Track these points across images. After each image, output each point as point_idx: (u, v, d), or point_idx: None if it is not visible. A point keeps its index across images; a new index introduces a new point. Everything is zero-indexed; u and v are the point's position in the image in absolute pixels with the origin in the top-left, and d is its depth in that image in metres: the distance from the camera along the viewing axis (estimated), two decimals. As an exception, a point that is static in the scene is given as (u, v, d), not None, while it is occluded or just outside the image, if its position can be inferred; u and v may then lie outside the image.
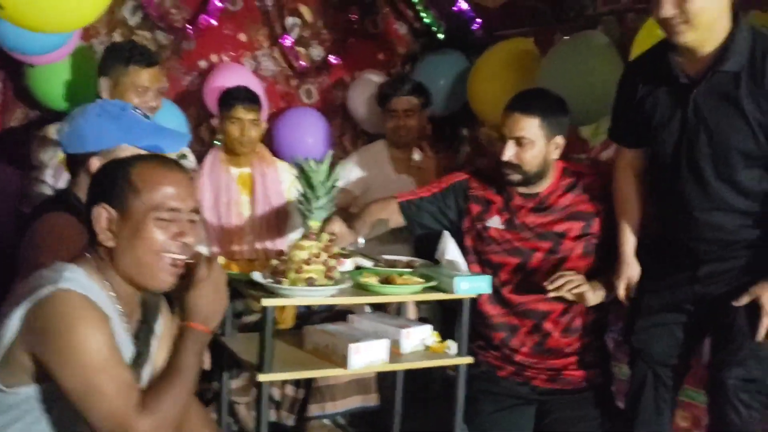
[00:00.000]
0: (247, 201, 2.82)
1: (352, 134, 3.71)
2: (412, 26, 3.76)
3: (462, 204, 2.39)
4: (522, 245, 2.31)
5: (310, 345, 2.10)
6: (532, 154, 2.23)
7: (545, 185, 2.33)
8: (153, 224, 1.34)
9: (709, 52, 1.86)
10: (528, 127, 2.21)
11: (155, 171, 1.37)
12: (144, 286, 1.41)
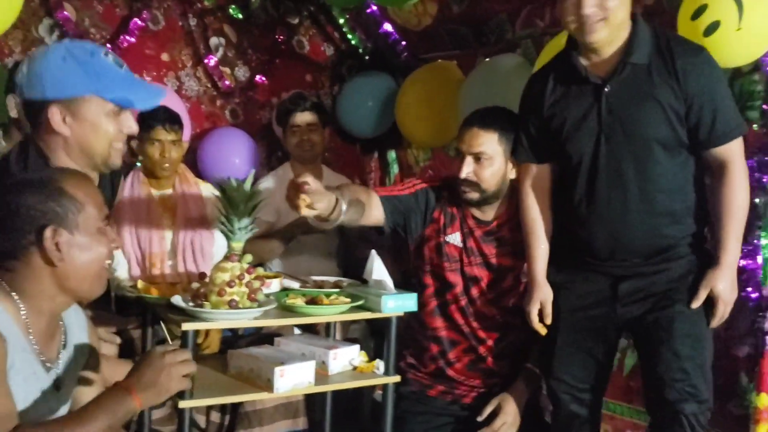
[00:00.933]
0: (169, 223, 2.75)
1: (279, 154, 3.69)
2: (339, 48, 3.78)
3: (430, 211, 2.30)
4: (469, 271, 2.26)
5: (235, 369, 2.06)
6: (491, 172, 2.17)
7: (499, 211, 2.26)
8: (98, 235, 1.37)
9: (615, 49, 1.91)
10: (487, 142, 2.16)
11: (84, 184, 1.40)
12: (84, 298, 1.44)
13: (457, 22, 3.07)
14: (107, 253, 1.40)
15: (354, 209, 2.03)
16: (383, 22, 3.40)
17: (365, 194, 2.18)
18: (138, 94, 1.75)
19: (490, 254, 2.25)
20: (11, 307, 1.31)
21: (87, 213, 1.36)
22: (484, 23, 2.97)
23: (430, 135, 3.22)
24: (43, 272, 1.33)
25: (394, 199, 2.24)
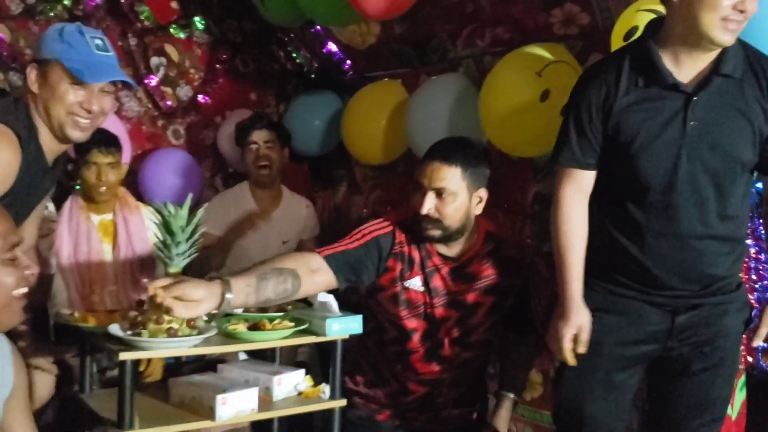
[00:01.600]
0: (109, 249, 2.68)
1: (224, 175, 3.64)
2: (284, 66, 3.76)
3: (384, 261, 2.11)
4: (433, 312, 2.14)
5: (176, 398, 2.01)
6: (454, 207, 2.03)
7: (466, 246, 2.13)
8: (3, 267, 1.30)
9: (710, 56, 1.74)
10: (449, 177, 2.01)
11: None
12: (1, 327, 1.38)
13: (400, 41, 3.09)
14: (15, 282, 1.33)
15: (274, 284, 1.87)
16: (327, 41, 3.41)
17: (304, 261, 1.99)
18: (93, 70, 1.75)
19: (458, 291, 2.13)
20: None
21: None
22: (427, 43, 2.99)
23: (377, 152, 3.23)
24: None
25: (341, 256, 2.05)
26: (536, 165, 2.69)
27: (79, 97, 1.77)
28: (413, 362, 2.19)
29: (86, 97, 1.77)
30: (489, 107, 2.51)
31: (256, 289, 1.82)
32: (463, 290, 2.13)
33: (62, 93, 1.75)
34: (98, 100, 1.80)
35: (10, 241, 1.33)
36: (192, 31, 3.45)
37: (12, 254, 1.33)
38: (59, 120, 1.77)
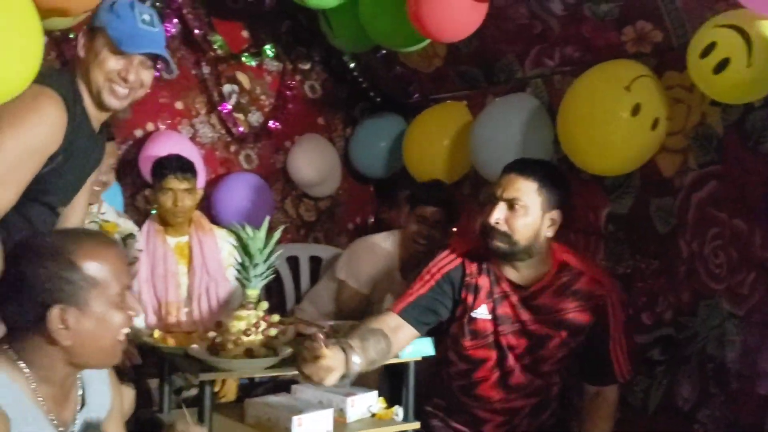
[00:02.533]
0: (185, 271, 2.76)
1: (294, 198, 3.71)
2: (350, 91, 3.82)
3: (457, 295, 2.09)
4: (501, 339, 2.09)
5: (252, 419, 2.04)
6: (524, 222, 1.97)
7: (537, 275, 2.06)
8: (112, 309, 1.29)
9: None
10: (524, 189, 1.98)
11: (100, 252, 1.30)
12: (95, 368, 1.39)
13: (466, 62, 3.09)
14: (123, 323, 1.32)
15: (374, 344, 1.86)
16: (393, 65, 3.44)
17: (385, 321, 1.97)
18: (132, 41, 1.79)
19: (527, 321, 2.07)
20: (19, 376, 1.26)
21: (100, 288, 1.27)
22: (493, 63, 2.99)
23: (439, 173, 3.23)
24: (49, 348, 1.27)
25: (415, 304, 2.04)
26: (609, 184, 2.64)
27: (119, 66, 1.80)
28: (484, 391, 2.14)
29: (125, 66, 1.81)
30: (571, 124, 2.45)
31: (362, 350, 1.80)
32: (531, 321, 2.06)
33: (102, 59, 1.80)
34: (136, 71, 1.83)
35: (122, 283, 1.32)
36: (262, 58, 3.54)
37: (122, 296, 1.32)
38: (98, 85, 1.81)
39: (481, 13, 2.48)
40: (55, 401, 1.33)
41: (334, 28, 3.10)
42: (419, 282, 2.09)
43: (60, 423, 1.33)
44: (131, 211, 3.09)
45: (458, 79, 3.22)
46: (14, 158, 1.63)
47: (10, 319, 1.29)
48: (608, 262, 2.64)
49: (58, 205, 1.89)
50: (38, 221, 1.82)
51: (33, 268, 1.24)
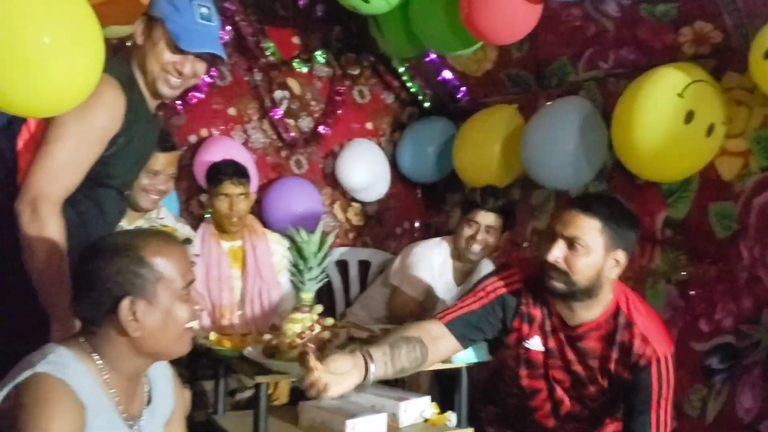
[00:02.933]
0: (239, 274, 2.80)
1: (343, 203, 3.73)
2: (399, 96, 3.83)
3: (509, 321, 2.01)
4: (552, 373, 2.02)
5: (306, 422, 2.06)
6: (584, 263, 1.84)
7: (590, 316, 1.93)
8: (177, 303, 1.36)
9: None
10: (586, 228, 1.83)
11: (166, 249, 1.37)
12: (166, 358, 1.45)
13: (517, 66, 3.07)
14: (188, 317, 1.37)
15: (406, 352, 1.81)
16: (442, 69, 3.43)
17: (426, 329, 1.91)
18: (190, 38, 1.82)
19: (571, 360, 1.99)
20: (93, 367, 1.32)
21: (166, 282, 1.34)
22: (545, 66, 2.96)
23: (490, 177, 3.21)
24: (120, 339, 1.33)
25: (463, 318, 1.97)
26: (666, 189, 2.58)
27: (174, 58, 1.84)
28: (539, 418, 2.10)
29: (180, 60, 1.85)
30: (625, 130, 2.41)
31: (391, 358, 1.78)
32: (574, 361, 1.99)
33: (159, 51, 1.83)
34: (191, 64, 1.87)
35: (186, 279, 1.38)
36: (313, 64, 3.57)
37: (187, 291, 1.38)
38: (153, 74, 1.85)
39: (536, 16, 2.46)
40: (126, 395, 1.38)
41: (384, 34, 3.11)
42: (472, 296, 2.02)
43: (129, 416, 1.38)
44: (186, 216, 3.15)
45: (509, 82, 3.20)
46: (78, 141, 1.70)
47: (83, 313, 1.35)
48: (664, 269, 2.59)
49: (123, 188, 1.95)
50: (106, 205, 1.88)
51: (105, 263, 1.31)
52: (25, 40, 1.49)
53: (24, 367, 1.26)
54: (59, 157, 1.67)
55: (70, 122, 1.67)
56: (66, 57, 1.55)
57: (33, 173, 1.66)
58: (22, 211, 1.63)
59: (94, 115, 1.71)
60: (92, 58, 1.63)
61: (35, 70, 1.51)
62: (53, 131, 1.68)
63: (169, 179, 2.55)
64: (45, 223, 1.63)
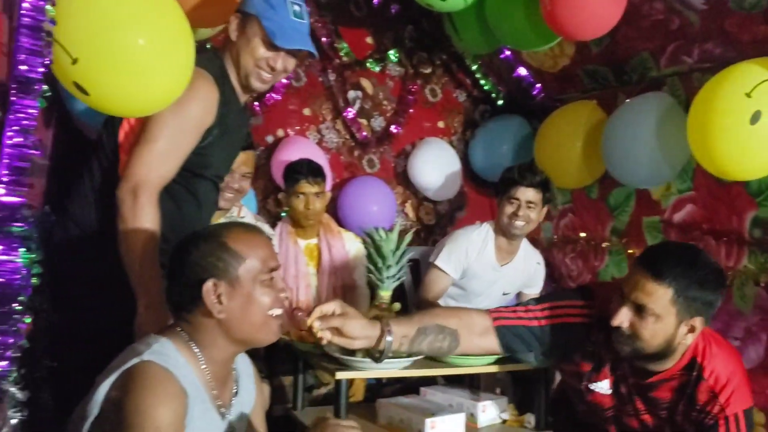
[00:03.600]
0: (314, 272, 2.84)
1: (414, 201, 3.73)
2: (471, 94, 3.81)
3: (571, 352, 1.90)
4: (623, 418, 1.92)
5: (384, 419, 2.07)
6: (652, 331, 1.70)
7: (662, 368, 1.81)
8: (260, 288, 1.39)
9: None
10: (656, 297, 1.68)
11: (247, 237, 1.42)
12: (254, 345, 1.46)
13: (596, 61, 3.00)
14: (271, 302, 1.40)
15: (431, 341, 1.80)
16: (517, 66, 3.39)
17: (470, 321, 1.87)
18: (285, 35, 1.87)
19: (641, 410, 1.89)
20: (191, 357, 1.37)
21: (248, 266, 1.38)
22: (626, 62, 2.88)
23: (571, 176, 3.15)
24: (210, 323, 1.38)
25: (516, 330, 1.90)
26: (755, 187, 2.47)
27: (268, 54, 1.90)
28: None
29: (273, 56, 1.90)
30: (697, 129, 2.34)
31: (411, 340, 1.78)
32: (644, 411, 1.88)
33: (254, 47, 1.89)
34: (284, 60, 1.92)
35: (268, 265, 1.41)
36: (386, 64, 3.59)
37: (269, 276, 1.41)
38: (246, 69, 1.91)
39: (620, 10, 2.40)
40: (219, 384, 1.42)
41: (460, 31, 3.10)
42: (537, 312, 1.91)
43: (222, 405, 1.43)
44: (263, 214, 3.22)
45: (586, 78, 3.13)
46: (175, 132, 1.78)
47: (175, 298, 1.42)
48: (753, 270, 2.48)
49: (217, 179, 2.02)
50: (202, 195, 1.96)
51: (192, 249, 1.39)
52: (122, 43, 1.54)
53: (129, 356, 1.31)
54: (158, 148, 1.75)
55: (168, 114, 1.74)
56: (159, 58, 1.60)
57: (133, 163, 1.74)
58: (124, 199, 1.71)
59: (189, 107, 1.78)
60: (183, 60, 1.69)
61: (131, 72, 1.57)
62: (152, 123, 1.76)
63: (243, 178, 2.59)
64: (144, 210, 1.70)
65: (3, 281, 1.18)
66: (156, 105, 1.69)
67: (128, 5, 1.56)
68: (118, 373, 1.28)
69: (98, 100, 1.61)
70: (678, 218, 2.80)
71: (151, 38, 1.57)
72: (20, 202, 1.21)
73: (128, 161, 1.75)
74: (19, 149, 1.20)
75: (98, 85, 1.56)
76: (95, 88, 1.57)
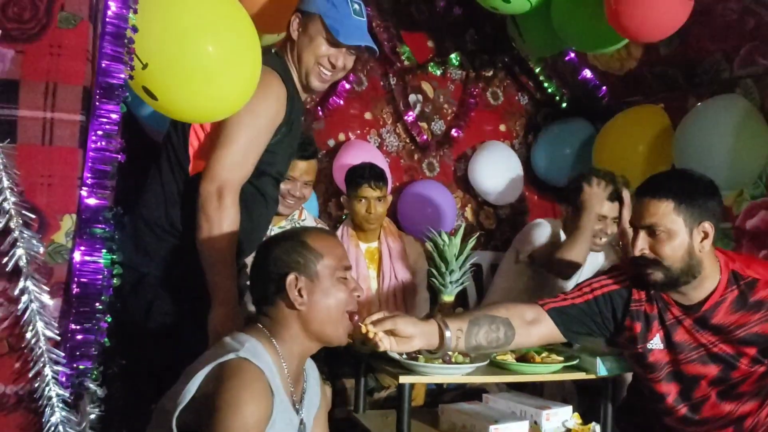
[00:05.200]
0: (375, 275, 2.85)
1: (474, 205, 3.71)
2: (534, 96, 3.76)
3: (620, 318, 1.95)
4: (684, 369, 1.90)
5: (446, 424, 2.06)
6: (671, 247, 1.80)
7: (706, 292, 1.85)
8: (338, 283, 1.47)
9: None
10: (660, 213, 1.80)
11: (325, 237, 1.52)
12: (328, 342, 1.51)
13: (664, 64, 2.92)
14: (347, 299, 1.48)
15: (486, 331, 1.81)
16: (582, 69, 3.33)
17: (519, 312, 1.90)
18: (348, 32, 1.91)
19: (709, 343, 1.87)
20: (275, 355, 1.42)
21: (326, 263, 1.46)
22: (696, 64, 2.80)
23: (633, 180, 3.07)
24: (290, 317, 1.45)
25: (565, 310, 1.94)
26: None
27: (330, 51, 1.94)
28: (674, 423, 1.97)
29: (335, 53, 1.95)
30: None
31: (466, 334, 1.79)
32: (715, 342, 1.86)
33: (317, 45, 1.93)
34: (344, 58, 1.97)
35: (343, 264, 1.49)
36: (447, 67, 3.58)
37: (345, 274, 1.49)
38: (307, 67, 1.96)
39: (687, 11, 2.33)
40: (294, 380, 1.47)
41: (524, 33, 3.06)
42: (577, 291, 1.99)
43: (296, 401, 1.48)
44: (324, 217, 3.25)
45: (654, 81, 3.06)
46: (252, 132, 1.82)
47: (258, 293, 1.49)
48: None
49: (279, 177, 2.06)
50: (267, 192, 2.00)
51: (273, 249, 1.48)
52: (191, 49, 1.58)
53: (222, 351, 1.36)
54: (238, 148, 1.80)
55: (244, 114, 1.78)
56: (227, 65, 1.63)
57: (216, 164, 1.79)
58: (209, 199, 1.76)
59: (264, 106, 1.82)
60: (250, 67, 1.72)
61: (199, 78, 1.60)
62: (229, 124, 1.80)
63: (305, 186, 2.60)
64: (228, 210, 1.75)
65: (86, 281, 1.22)
66: (222, 112, 1.72)
67: (198, 13, 1.60)
68: (212, 365, 1.32)
69: (166, 105, 1.66)
70: (751, 225, 2.71)
71: (219, 45, 1.61)
72: (103, 204, 1.26)
73: (209, 162, 1.80)
74: (103, 153, 1.25)
75: (167, 91, 1.61)
76: (164, 93, 1.61)
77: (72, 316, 1.23)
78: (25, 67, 1.24)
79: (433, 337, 1.75)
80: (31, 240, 1.18)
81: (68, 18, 1.25)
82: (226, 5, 1.67)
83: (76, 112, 1.26)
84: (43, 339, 1.18)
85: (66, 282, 1.25)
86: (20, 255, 1.17)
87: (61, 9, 1.25)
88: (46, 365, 1.18)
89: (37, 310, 1.18)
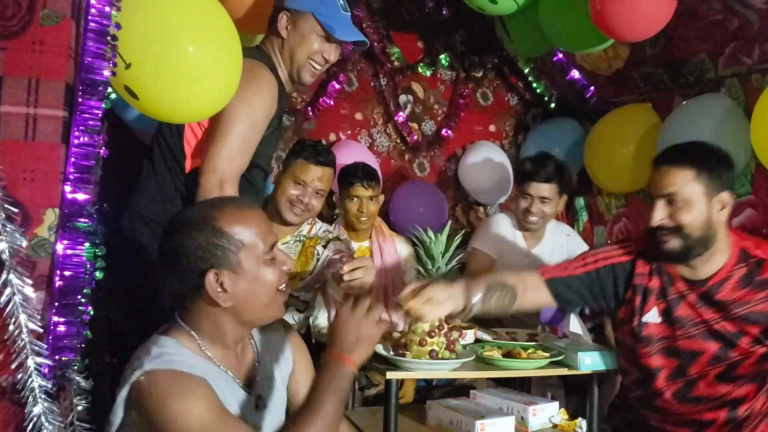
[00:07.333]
0: (365, 274, 2.85)
1: (464, 205, 3.73)
2: (523, 97, 3.79)
3: (621, 291, 1.95)
4: (682, 345, 1.89)
5: (434, 420, 2.07)
6: (690, 216, 1.80)
7: (715, 267, 1.86)
8: (263, 267, 1.35)
9: None
10: (680, 181, 1.79)
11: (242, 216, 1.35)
12: (264, 323, 1.44)
13: (651, 63, 2.94)
14: (277, 279, 1.36)
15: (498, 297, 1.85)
16: (570, 69, 3.35)
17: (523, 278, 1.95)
18: (342, 27, 1.99)
19: (712, 320, 1.86)
20: (195, 347, 1.34)
21: (248, 249, 1.32)
22: (681, 63, 2.82)
23: (624, 180, 3.09)
24: (215, 311, 1.33)
25: (565, 281, 1.95)
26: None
27: (324, 47, 2.01)
28: (661, 405, 1.95)
29: (328, 49, 2.02)
30: (762, 131, 2.28)
31: (484, 297, 1.83)
32: (717, 319, 1.86)
33: (311, 41, 1.99)
34: (335, 51, 2.04)
35: (269, 242, 1.36)
36: (437, 68, 3.61)
37: (272, 254, 1.36)
38: (299, 63, 2.02)
39: (670, 11, 2.35)
40: (233, 363, 1.39)
41: (512, 34, 3.08)
42: (580, 261, 1.99)
43: (243, 382, 1.40)
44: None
45: (641, 81, 3.08)
46: (249, 124, 1.86)
47: (172, 291, 1.35)
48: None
49: (267, 167, 2.10)
50: (257, 184, 2.03)
51: (185, 238, 1.31)
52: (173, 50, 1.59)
53: (133, 367, 1.28)
54: (237, 140, 1.83)
55: (242, 107, 1.82)
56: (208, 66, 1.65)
57: (215, 156, 1.82)
58: (211, 191, 1.78)
59: (260, 99, 1.86)
60: (230, 69, 1.73)
61: (180, 78, 1.61)
62: (226, 117, 1.83)
63: (315, 195, 2.37)
64: None
65: (69, 274, 1.24)
66: (202, 112, 1.74)
67: (180, 13, 1.61)
68: (127, 387, 1.26)
69: (146, 105, 1.66)
70: (736, 223, 2.72)
71: (200, 46, 1.63)
72: (86, 199, 1.27)
73: (208, 154, 1.82)
74: (86, 148, 1.26)
75: (148, 90, 1.62)
76: (145, 93, 1.62)
77: (54, 309, 1.24)
78: (8, 63, 1.26)
79: (461, 299, 1.79)
80: (14, 233, 1.19)
81: (50, 15, 1.27)
82: (208, 7, 1.69)
83: (58, 108, 1.27)
84: (26, 331, 1.19)
85: (49, 275, 1.26)
86: (3, 248, 1.19)
87: (43, 7, 1.27)
88: (29, 357, 1.19)
89: (20, 302, 1.20)
